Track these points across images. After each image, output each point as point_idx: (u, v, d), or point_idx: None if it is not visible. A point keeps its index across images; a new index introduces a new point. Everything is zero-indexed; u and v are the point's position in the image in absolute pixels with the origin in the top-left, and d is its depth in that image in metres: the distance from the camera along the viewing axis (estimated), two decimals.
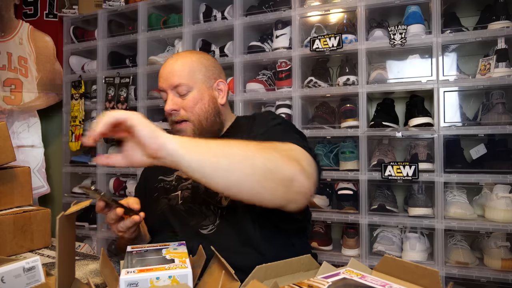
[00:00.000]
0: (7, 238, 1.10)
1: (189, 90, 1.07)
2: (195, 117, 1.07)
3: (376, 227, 1.76)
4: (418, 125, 1.67)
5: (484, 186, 1.63)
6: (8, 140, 1.18)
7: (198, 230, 1.00)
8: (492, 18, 1.60)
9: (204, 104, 1.08)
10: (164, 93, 1.09)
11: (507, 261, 1.51)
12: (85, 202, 0.77)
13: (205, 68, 1.11)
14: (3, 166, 1.20)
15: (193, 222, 1.02)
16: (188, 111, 1.06)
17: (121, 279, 0.63)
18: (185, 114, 1.06)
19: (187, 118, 1.06)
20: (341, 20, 1.90)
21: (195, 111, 1.07)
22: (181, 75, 1.06)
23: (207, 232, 0.99)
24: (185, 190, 1.07)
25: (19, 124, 2.62)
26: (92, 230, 2.36)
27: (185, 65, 1.08)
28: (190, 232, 1.00)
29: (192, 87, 1.07)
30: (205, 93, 1.09)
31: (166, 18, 2.22)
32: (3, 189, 1.19)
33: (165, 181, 1.13)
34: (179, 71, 1.07)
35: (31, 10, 2.72)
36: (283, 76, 1.91)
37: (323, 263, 0.73)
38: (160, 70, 1.10)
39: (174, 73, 1.06)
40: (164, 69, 1.09)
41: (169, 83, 1.06)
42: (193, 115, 1.07)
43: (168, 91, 1.07)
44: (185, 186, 1.07)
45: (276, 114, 1.13)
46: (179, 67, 1.07)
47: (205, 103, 1.08)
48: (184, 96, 1.07)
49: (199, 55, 1.14)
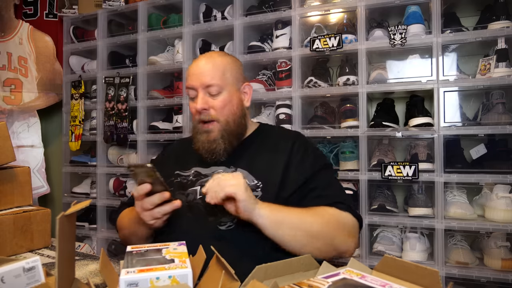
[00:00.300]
0: (7, 238, 1.10)
1: (220, 91, 1.09)
2: (223, 118, 1.09)
3: (376, 227, 1.76)
4: (418, 125, 1.67)
5: (484, 186, 1.62)
6: (8, 140, 1.18)
7: (216, 226, 1.01)
8: (492, 18, 1.60)
9: (233, 106, 1.11)
10: (193, 91, 1.10)
11: (507, 261, 1.51)
12: (85, 202, 0.77)
13: (235, 70, 1.14)
14: (3, 166, 1.20)
15: (211, 217, 1.02)
16: (217, 111, 1.09)
17: (121, 279, 0.63)
18: (215, 115, 1.09)
19: (216, 119, 1.09)
20: (341, 20, 1.90)
21: (224, 112, 1.09)
22: (214, 75, 1.08)
23: (225, 228, 1.00)
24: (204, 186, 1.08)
25: (19, 124, 2.62)
26: (92, 230, 2.36)
27: (219, 66, 1.10)
28: (207, 228, 1.01)
29: (223, 88, 1.09)
30: (234, 95, 1.12)
31: (166, 18, 2.22)
32: (3, 189, 1.19)
33: (181, 175, 1.14)
34: (212, 71, 1.08)
35: (31, 10, 2.72)
36: (283, 76, 1.91)
37: (323, 263, 0.73)
38: (191, 68, 1.12)
39: (207, 73, 1.08)
40: (196, 67, 1.10)
41: (201, 82, 1.08)
42: (222, 116, 1.09)
43: (199, 90, 1.09)
44: (204, 182, 1.08)
45: (314, 146, 1.18)
46: (213, 67, 1.09)
47: (234, 105, 1.12)
48: (214, 97, 1.09)
49: (230, 57, 1.17)
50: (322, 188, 1.05)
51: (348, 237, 0.99)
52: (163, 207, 0.94)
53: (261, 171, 1.07)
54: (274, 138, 1.16)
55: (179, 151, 1.25)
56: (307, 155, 1.10)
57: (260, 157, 1.11)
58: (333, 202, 1.02)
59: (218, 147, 1.09)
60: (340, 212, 1.00)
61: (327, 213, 0.99)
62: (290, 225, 0.93)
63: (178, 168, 1.16)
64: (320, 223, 0.96)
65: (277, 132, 1.21)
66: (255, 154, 1.12)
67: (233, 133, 1.11)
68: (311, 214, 0.97)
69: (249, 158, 1.11)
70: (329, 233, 0.96)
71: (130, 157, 2.27)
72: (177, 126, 2.13)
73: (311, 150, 1.13)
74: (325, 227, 0.96)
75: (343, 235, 0.99)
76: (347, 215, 1.01)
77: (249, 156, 1.12)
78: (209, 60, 1.11)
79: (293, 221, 0.94)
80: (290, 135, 1.17)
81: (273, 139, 1.15)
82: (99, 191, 2.32)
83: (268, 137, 1.17)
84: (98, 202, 2.30)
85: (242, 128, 1.15)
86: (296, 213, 0.95)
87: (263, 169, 1.08)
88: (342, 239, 0.98)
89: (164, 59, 2.21)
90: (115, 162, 2.34)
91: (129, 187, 2.25)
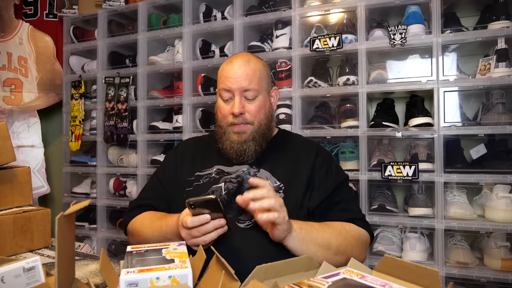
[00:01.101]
0: (7, 238, 1.10)
1: (256, 95, 1.11)
2: (257, 122, 1.11)
3: (376, 227, 1.76)
4: (418, 125, 1.67)
5: (484, 186, 1.62)
6: (8, 140, 1.18)
7: (235, 222, 1.02)
8: (492, 18, 1.60)
9: (266, 110, 1.14)
10: (228, 93, 1.11)
11: (507, 261, 1.51)
12: (84, 202, 0.77)
13: (267, 75, 1.17)
14: (3, 166, 1.20)
15: (231, 214, 1.03)
16: (252, 115, 1.11)
17: (121, 279, 0.63)
18: (250, 118, 1.11)
19: (251, 122, 1.10)
20: (341, 20, 1.90)
21: (258, 116, 1.11)
22: (252, 80, 1.10)
23: (244, 226, 1.01)
24: (229, 183, 1.09)
25: (19, 124, 2.62)
26: (92, 230, 2.36)
27: (256, 70, 1.11)
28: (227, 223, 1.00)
29: (259, 93, 1.12)
30: (266, 99, 1.15)
31: (166, 18, 2.22)
32: (3, 189, 1.19)
33: (202, 176, 1.14)
34: (251, 76, 1.10)
35: (31, 10, 2.72)
36: (283, 76, 1.91)
37: (323, 263, 0.73)
38: (228, 70, 1.11)
39: (246, 77, 1.09)
40: (233, 70, 1.10)
41: (240, 85, 1.09)
42: (256, 119, 1.11)
43: (236, 93, 1.10)
44: (228, 179, 1.09)
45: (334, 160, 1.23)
46: (251, 72, 1.10)
47: (267, 110, 1.14)
48: (251, 101, 1.11)
49: (263, 61, 1.18)
50: (346, 202, 1.11)
51: (362, 250, 1.07)
52: (212, 234, 0.89)
53: (283, 176, 1.10)
54: (296, 147, 1.18)
55: (196, 151, 1.24)
56: (331, 171, 1.14)
57: (282, 163, 1.13)
58: (354, 218, 1.08)
59: (249, 149, 1.10)
60: (359, 230, 1.06)
61: (349, 231, 1.05)
62: (315, 244, 0.97)
63: (197, 168, 1.16)
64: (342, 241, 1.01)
65: (298, 141, 1.23)
66: (277, 158, 1.15)
67: (263, 136, 1.13)
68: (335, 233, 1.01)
69: (272, 162, 1.13)
70: (350, 250, 1.01)
71: (130, 157, 2.27)
72: (177, 126, 2.13)
73: (334, 165, 1.18)
74: (348, 246, 1.02)
75: (360, 249, 1.05)
76: (365, 233, 1.08)
77: (271, 160, 1.14)
78: (246, 64, 1.11)
79: (318, 241, 0.97)
80: (312, 147, 1.19)
81: (295, 148, 1.18)
82: (99, 191, 2.32)
83: (290, 144, 1.20)
84: (98, 202, 2.30)
85: (270, 132, 1.17)
86: (321, 233, 0.99)
87: (285, 174, 1.10)
88: (358, 253, 1.04)
89: (164, 59, 2.21)
90: (115, 162, 2.34)
91: (129, 187, 2.25)
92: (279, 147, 1.18)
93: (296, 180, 1.09)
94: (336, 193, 1.10)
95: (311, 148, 1.18)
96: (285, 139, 1.22)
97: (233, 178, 1.09)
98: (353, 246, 1.03)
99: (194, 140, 1.33)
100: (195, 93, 2.09)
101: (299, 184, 1.08)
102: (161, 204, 1.17)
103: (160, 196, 1.18)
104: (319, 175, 1.11)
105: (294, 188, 1.07)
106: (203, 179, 1.13)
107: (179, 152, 1.25)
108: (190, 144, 1.29)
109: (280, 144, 1.19)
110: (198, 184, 1.12)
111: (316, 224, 1.01)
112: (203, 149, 1.23)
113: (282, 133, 1.26)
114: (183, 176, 1.16)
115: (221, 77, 1.13)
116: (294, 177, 1.10)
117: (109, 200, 2.30)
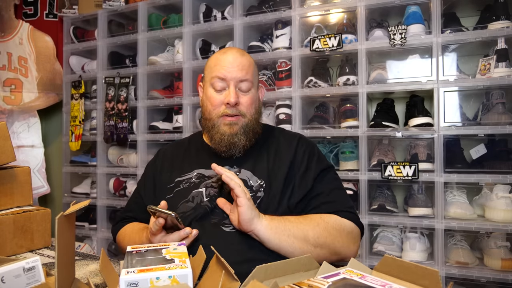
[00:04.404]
0: (7, 238, 1.10)
1: (250, 88, 1.10)
2: (249, 115, 1.10)
3: (376, 227, 1.76)
4: (418, 125, 1.67)
5: (484, 186, 1.63)
6: (8, 140, 1.18)
7: (220, 226, 1.01)
8: (492, 18, 1.60)
9: (256, 105, 1.13)
10: (222, 82, 1.08)
11: (507, 261, 1.51)
12: (84, 202, 0.77)
13: (257, 69, 1.16)
14: (3, 166, 1.20)
15: (215, 219, 1.02)
16: (245, 107, 1.09)
17: (121, 279, 0.63)
18: (243, 110, 1.09)
19: (243, 114, 1.09)
20: (341, 20, 1.90)
21: (251, 110, 1.10)
22: (248, 71, 1.09)
23: (229, 230, 1.00)
24: (210, 188, 1.07)
25: (19, 124, 2.62)
26: (92, 230, 2.36)
27: (250, 63, 1.11)
28: (211, 227, 1.00)
29: (253, 85, 1.10)
30: (257, 93, 1.14)
31: (166, 18, 2.22)
32: (3, 189, 1.19)
33: (182, 181, 1.11)
34: (246, 67, 1.08)
35: (31, 10, 2.73)
36: (283, 76, 1.91)
37: (323, 263, 0.73)
38: (223, 59, 1.09)
39: (243, 68, 1.07)
40: (227, 60, 1.08)
41: (236, 75, 1.07)
42: (248, 112, 1.09)
43: (231, 83, 1.07)
44: (209, 184, 1.07)
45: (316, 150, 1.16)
46: (247, 63, 1.09)
47: (257, 105, 1.13)
48: (245, 93, 1.09)
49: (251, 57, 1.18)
50: (326, 194, 1.05)
51: (349, 243, 1.01)
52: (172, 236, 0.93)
53: (263, 174, 1.07)
54: (278, 141, 1.15)
55: (174, 157, 1.21)
56: (311, 164, 1.09)
57: (263, 160, 1.10)
58: (336, 210, 1.02)
59: (239, 142, 1.08)
60: (341, 220, 1.01)
61: (328, 222, 0.99)
62: (290, 235, 0.94)
63: (177, 174, 1.13)
64: (321, 233, 0.96)
65: (280, 134, 1.19)
66: (259, 154, 1.12)
67: (253, 130, 1.11)
68: (312, 224, 0.97)
69: (254, 158, 1.11)
70: (331, 242, 0.97)
71: (130, 157, 2.27)
72: (177, 126, 2.14)
73: (316, 157, 1.12)
74: (328, 237, 0.97)
75: (345, 241, 1.00)
76: (349, 223, 1.02)
77: (255, 156, 1.11)
78: (242, 56, 1.09)
79: (293, 232, 0.94)
80: (293, 139, 1.15)
81: (277, 142, 1.14)
82: (99, 191, 2.32)
83: (270, 138, 1.16)
84: (98, 202, 2.30)
85: (259, 126, 1.14)
86: (296, 224, 0.96)
87: (266, 172, 1.07)
88: (343, 245, 0.99)
89: (164, 59, 2.21)
90: (115, 162, 2.34)
91: (129, 187, 2.25)
92: (262, 141, 1.15)
93: (276, 177, 1.06)
94: (315, 187, 1.06)
95: (291, 140, 1.14)
96: (268, 134, 1.19)
97: (214, 182, 1.07)
98: (335, 237, 0.97)
99: (172, 146, 1.28)
100: (195, 93, 2.09)
101: (279, 182, 1.05)
102: (143, 216, 1.14)
103: (141, 208, 1.15)
104: (299, 171, 1.07)
105: (273, 187, 1.05)
106: (183, 184, 1.10)
107: (157, 162, 1.22)
108: (168, 151, 1.25)
109: (263, 139, 1.16)
110: (178, 190, 1.10)
111: (292, 217, 0.98)
112: (182, 153, 1.20)
113: (265, 128, 1.22)
114: (163, 184, 1.14)
115: (215, 66, 1.09)
116: (274, 174, 1.07)
117: (109, 200, 2.31)
